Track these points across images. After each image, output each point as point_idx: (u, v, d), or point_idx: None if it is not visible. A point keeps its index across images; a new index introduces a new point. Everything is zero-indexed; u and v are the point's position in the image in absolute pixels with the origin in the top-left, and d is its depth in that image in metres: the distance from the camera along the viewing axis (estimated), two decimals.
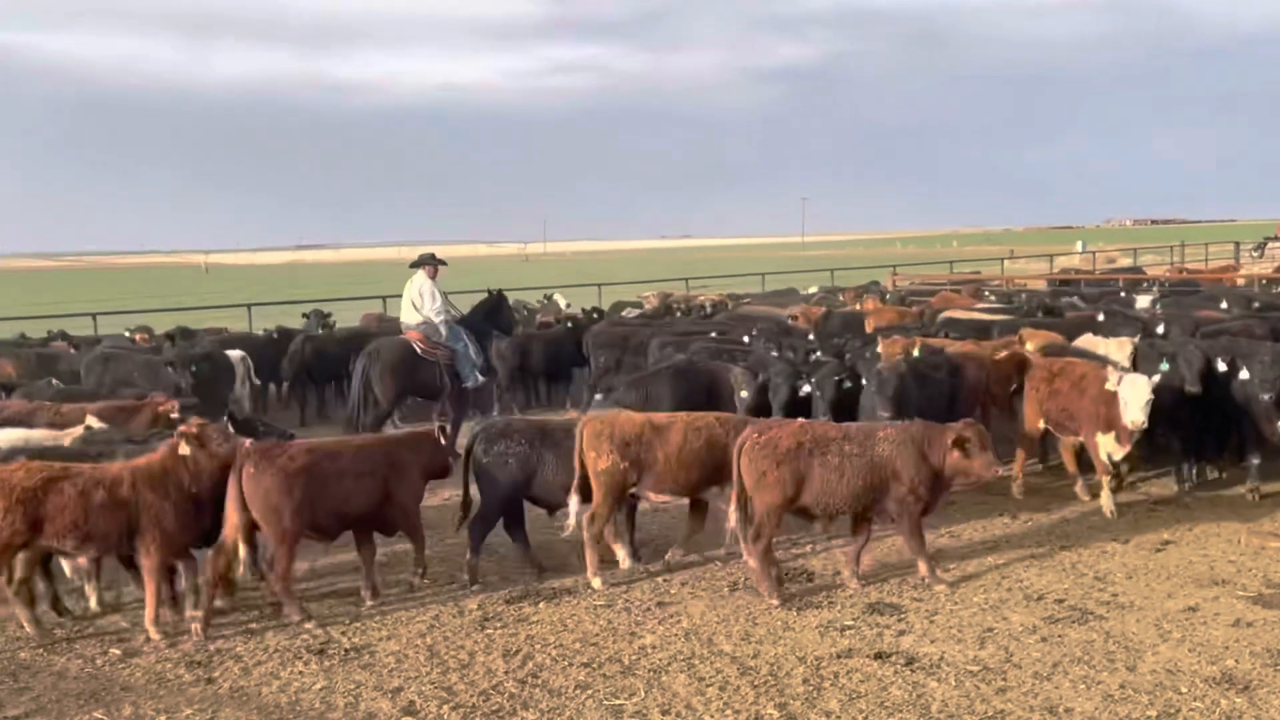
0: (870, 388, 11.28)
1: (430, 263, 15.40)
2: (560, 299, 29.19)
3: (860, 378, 11.62)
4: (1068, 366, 11.85)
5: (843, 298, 26.61)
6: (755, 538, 8.87)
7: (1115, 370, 11.14)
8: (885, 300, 24.79)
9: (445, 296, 15.51)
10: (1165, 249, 58.81)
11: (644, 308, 25.59)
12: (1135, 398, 10.55)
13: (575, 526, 9.41)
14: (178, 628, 8.49)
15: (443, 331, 15.17)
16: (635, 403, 12.16)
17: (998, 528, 10.78)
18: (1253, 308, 18.38)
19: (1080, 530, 10.61)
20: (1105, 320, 16.20)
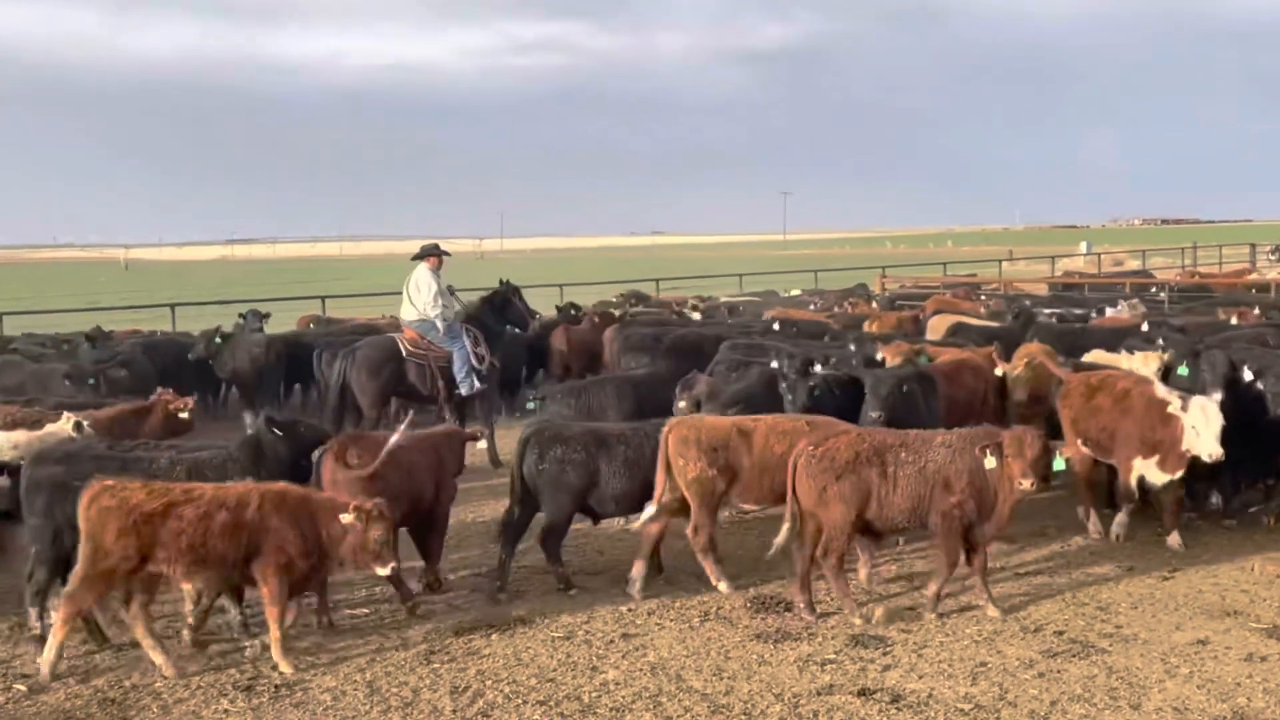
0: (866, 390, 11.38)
1: (434, 254, 15.40)
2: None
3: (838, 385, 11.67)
4: (1107, 381, 11.50)
5: (813, 305, 26.72)
6: (824, 554, 9.03)
7: (1174, 392, 10.72)
8: (873, 303, 24.93)
9: (451, 291, 15.58)
10: (1176, 251, 59.44)
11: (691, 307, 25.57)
12: (1207, 425, 10.23)
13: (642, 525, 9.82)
14: (89, 664, 8.42)
15: (439, 328, 15.14)
16: (575, 413, 12.23)
17: (991, 552, 10.83)
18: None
19: (1081, 556, 10.70)
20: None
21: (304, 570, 8.22)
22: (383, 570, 8.37)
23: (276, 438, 9.40)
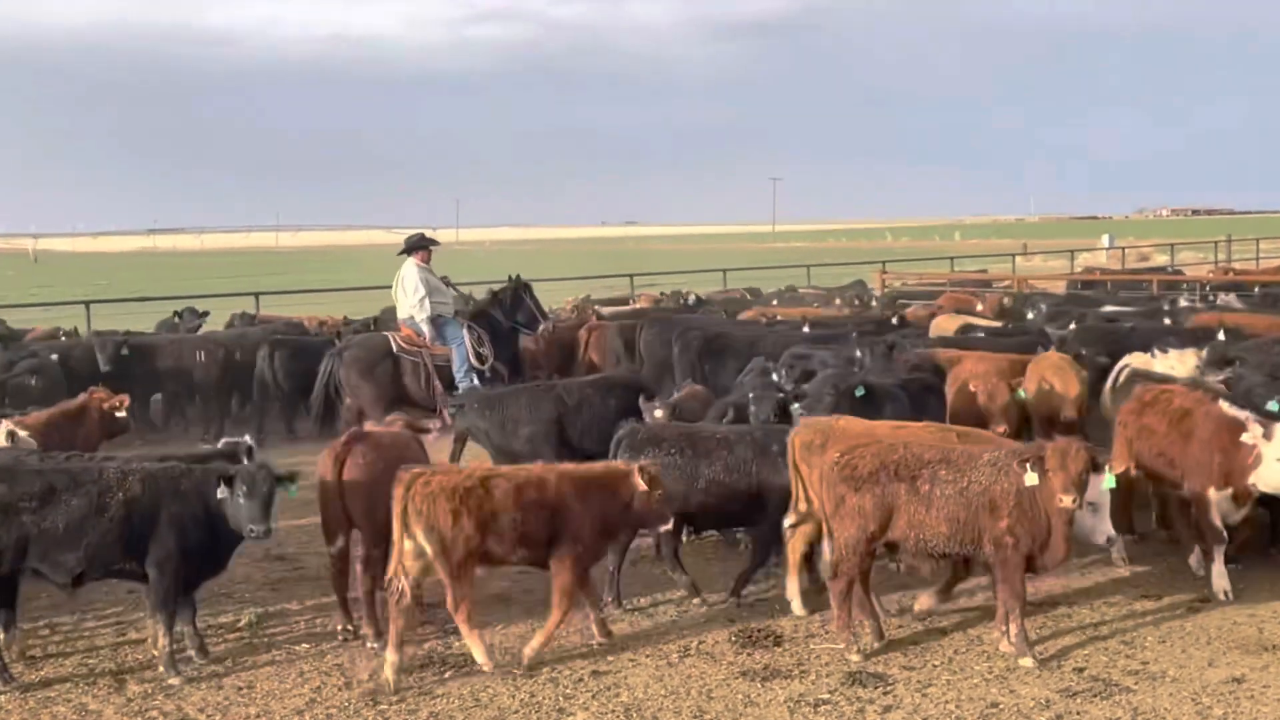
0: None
1: (420, 246, 15.79)
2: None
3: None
4: (1162, 398, 10.91)
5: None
6: (833, 575, 9.03)
7: (1252, 417, 10.14)
8: (871, 304, 25.01)
9: (448, 283, 15.90)
10: (1208, 245, 59.84)
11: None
12: None
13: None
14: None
15: (424, 330, 15.47)
16: (489, 425, 12.23)
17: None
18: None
19: (1103, 584, 10.74)
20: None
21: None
22: (666, 527, 9.38)
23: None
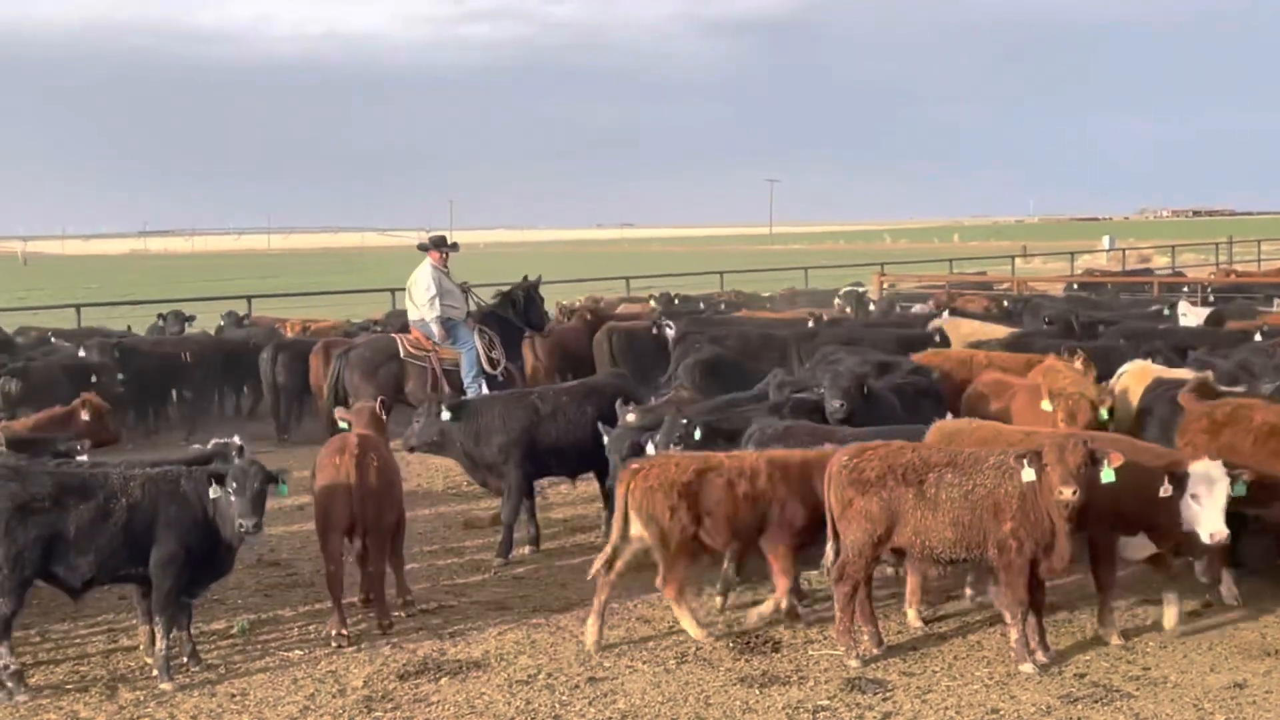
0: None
1: (437, 247, 15.90)
2: None
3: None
4: (1239, 413, 10.40)
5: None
6: (838, 578, 9.05)
7: None
8: (869, 307, 25.03)
9: (465, 290, 15.99)
10: (1210, 246, 59.93)
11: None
12: None
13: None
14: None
15: (434, 331, 15.56)
16: (462, 433, 12.06)
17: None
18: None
19: None
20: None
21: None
22: None
23: None
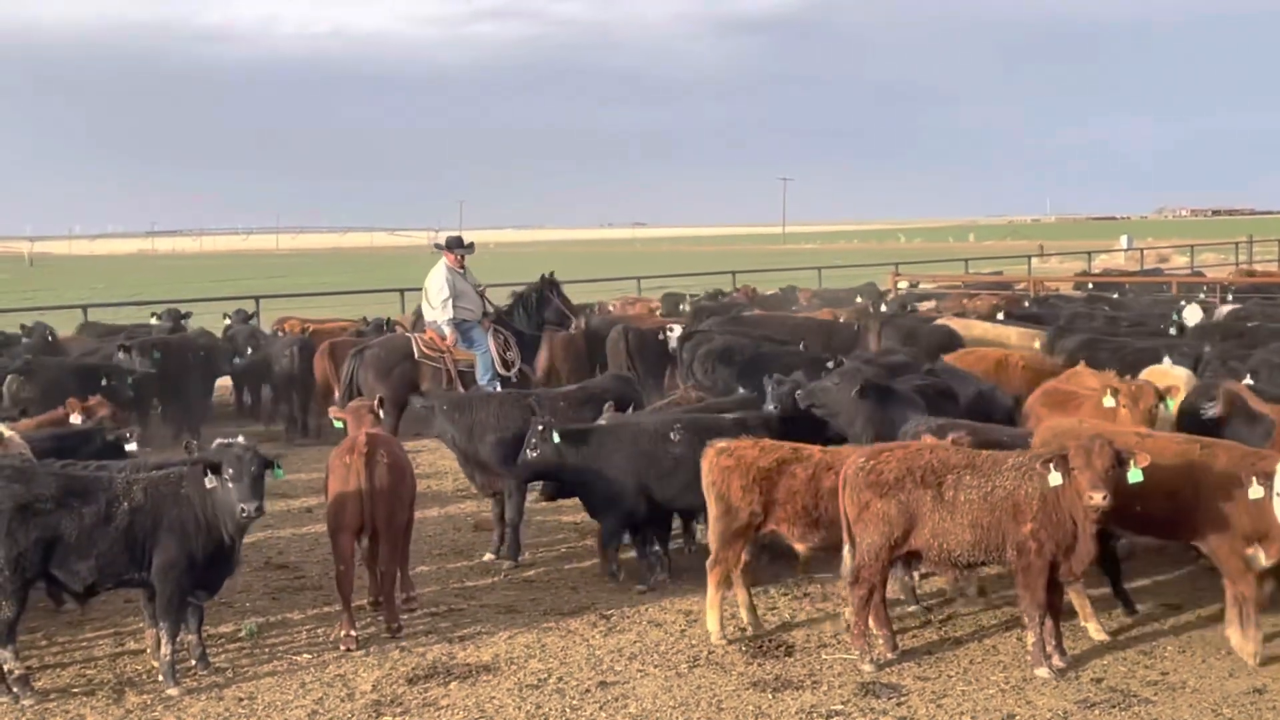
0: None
1: (452, 249, 15.97)
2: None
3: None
4: None
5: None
6: (854, 581, 9.04)
7: None
8: (882, 307, 24.96)
9: (480, 292, 16.03)
10: (1229, 246, 59.75)
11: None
12: None
13: None
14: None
15: (446, 332, 15.69)
16: (457, 431, 12.01)
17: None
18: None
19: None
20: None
21: None
22: None
23: None
